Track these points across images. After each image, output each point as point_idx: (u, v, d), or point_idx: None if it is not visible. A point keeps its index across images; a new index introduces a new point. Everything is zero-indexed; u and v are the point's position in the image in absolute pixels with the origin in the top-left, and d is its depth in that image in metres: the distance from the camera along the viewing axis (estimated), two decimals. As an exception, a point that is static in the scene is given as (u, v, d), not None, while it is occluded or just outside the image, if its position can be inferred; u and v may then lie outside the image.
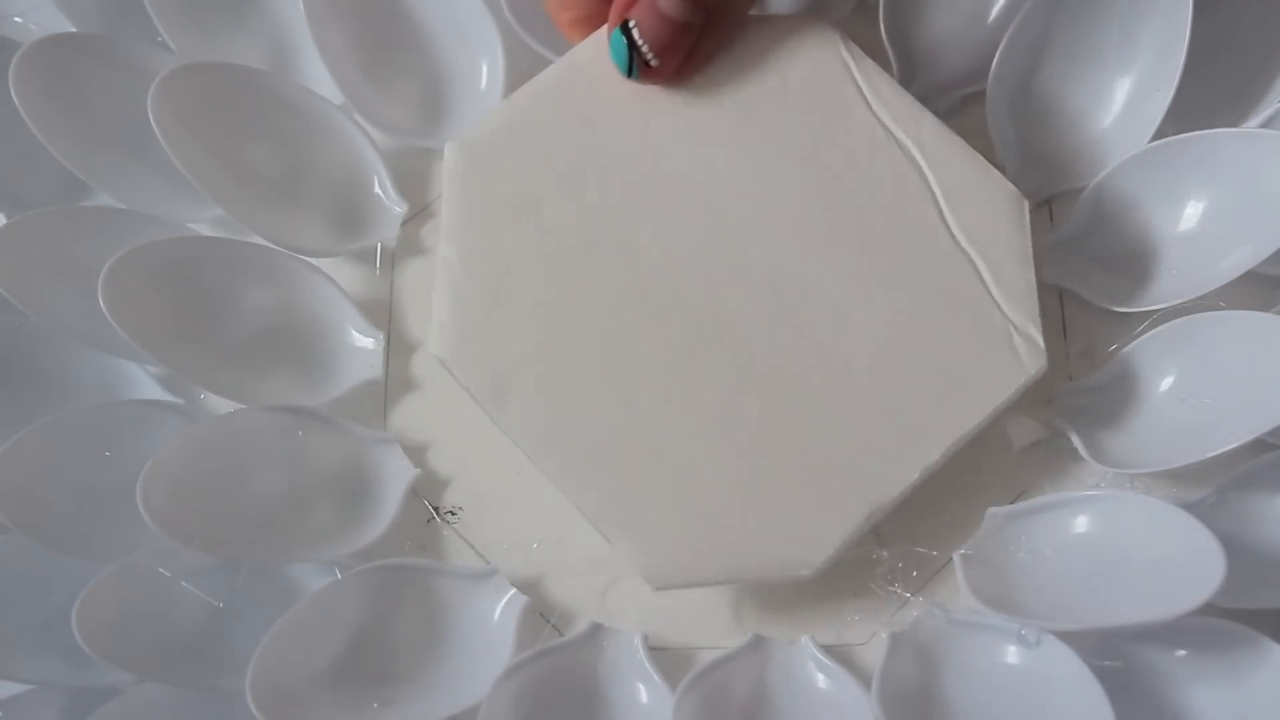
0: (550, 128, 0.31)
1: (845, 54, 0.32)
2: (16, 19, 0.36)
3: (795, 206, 0.30)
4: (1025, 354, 0.29)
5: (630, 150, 0.31)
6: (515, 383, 0.29)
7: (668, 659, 0.29)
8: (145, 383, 0.34)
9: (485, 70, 0.35)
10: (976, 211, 0.30)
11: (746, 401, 0.28)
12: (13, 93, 0.31)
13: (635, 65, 0.30)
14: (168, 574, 0.30)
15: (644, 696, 0.29)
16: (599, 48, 0.31)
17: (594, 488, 0.28)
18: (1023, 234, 0.30)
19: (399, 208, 0.34)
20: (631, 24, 0.30)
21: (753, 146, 0.31)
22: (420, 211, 0.35)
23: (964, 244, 0.30)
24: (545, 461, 0.28)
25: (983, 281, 0.30)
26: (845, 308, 0.29)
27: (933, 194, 0.30)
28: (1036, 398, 0.31)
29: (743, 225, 0.30)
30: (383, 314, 0.34)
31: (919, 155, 0.31)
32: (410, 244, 0.34)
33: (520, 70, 0.35)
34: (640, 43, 0.30)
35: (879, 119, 0.31)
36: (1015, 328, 0.29)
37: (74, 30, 0.35)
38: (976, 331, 0.29)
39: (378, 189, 0.34)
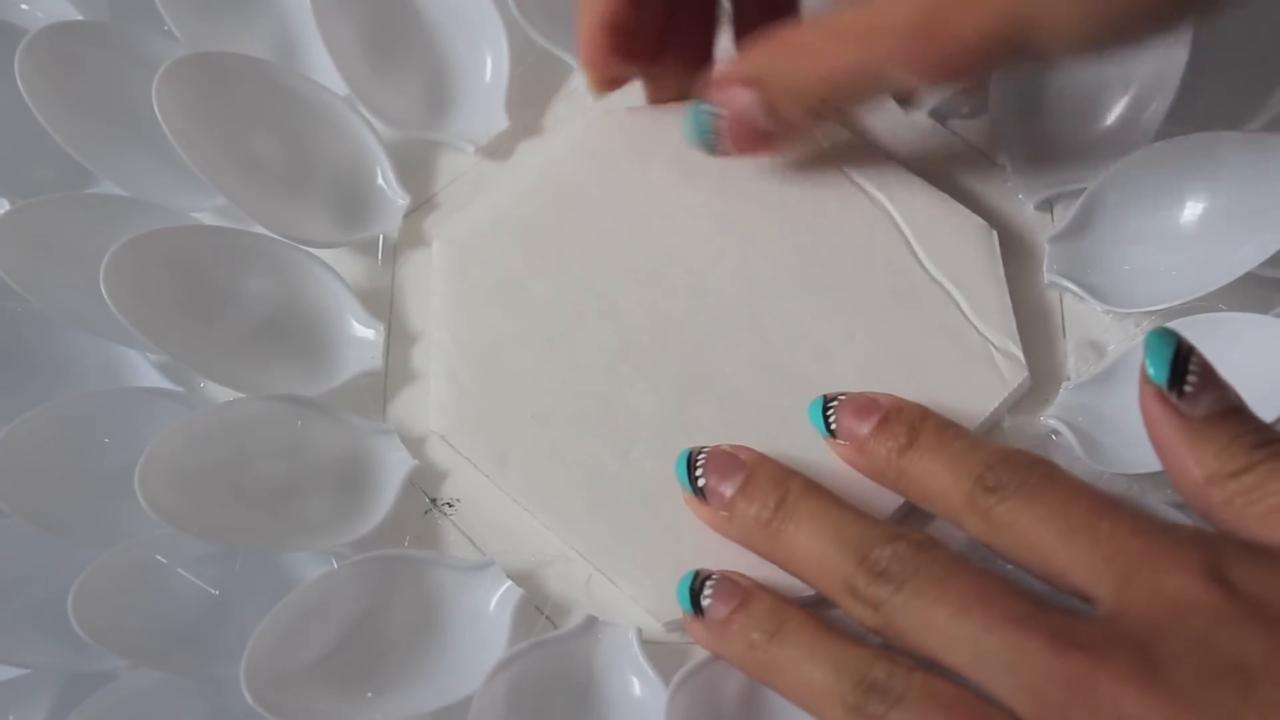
0: (531, 217, 0.33)
1: None
2: (23, 6, 0.36)
3: (771, 260, 0.32)
4: (1006, 369, 0.30)
5: (609, 227, 0.33)
6: (514, 449, 0.30)
7: (662, 653, 0.29)
8: (145, 370, 0.34)
9: (490, 63, 0.35)
10: (946, 245, 0.32)
11: (739, 442, 0.29)
12: (18, 79, 0.31)
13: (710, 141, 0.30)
14: (164, 561, 0.30)
15: (637, 690, 0.29)
16: (571, 140, 0.33)
17: (597, 536, 0.30)
18: (993, 260, 0.31)
19: (401, 199, 0.34)
20: (716, 109, 0.30)
21: (726, 211, 0.32)
22: (423, 204, 0.35)
23: (937, 276, 0.31)
24: (547, 517, 0.30)
25: (959, 308, 0.31)
26: (828, 347, 0.31)
27: (902, 234, 0.32)
28: (1035, 399, 0.31)
29: (722, 281, 0.32)
30: (383, 305, 0.34)
31: (885, 200, 0.32)
32: (412, 236, 0.35)
33: (525, 64, 0.35)
34: (714, 131, 0.30)
35: (844, 173, 0.33)
36: (995, 346, 0.31)
37: (80, 18, 0.35)
38: (958, 354, 0.30)
39: (380, 180, 0.34)
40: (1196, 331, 0.29)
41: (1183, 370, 0.23)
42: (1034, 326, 0.32)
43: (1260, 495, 0.22)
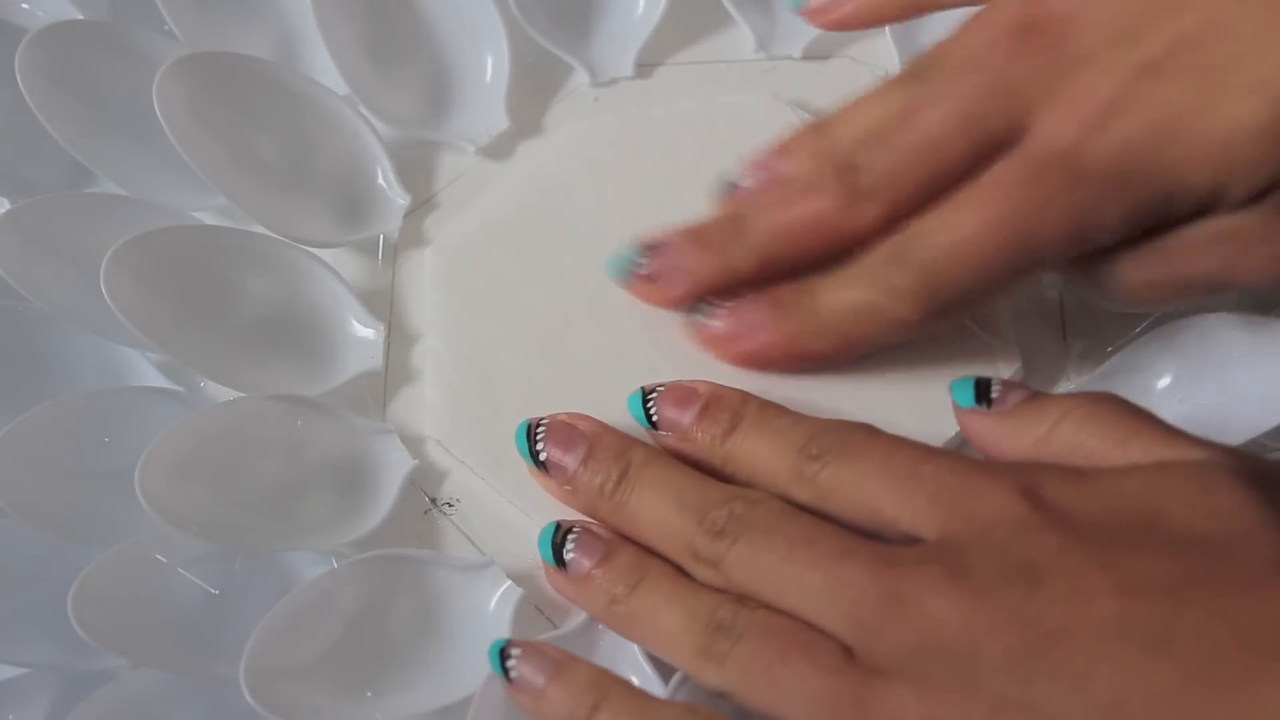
0: (523, 223, 0.33)
1: (795, 121, 0.34)
2: (24, 5, 0.36)
3: None
4: (1000, 359, 0.31)
5: (600, 230, 0.33)
6: (509, 451, 0.30)
7: (662, 653, 0.29)
8: (146, 369, 0.34)
9: (490, 63, 0.35)
10: None
11: None
12: (19, 79, 0.32)
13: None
14: (164, 560, 0.30)
15: (637, 690, 0.29)
16: (561, 145, 0.34)
17: None
18: None
19: (402, 199, 0.34)
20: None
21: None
22: (423, 204, 0.35)
23: None
24: (545, 518, 0.30)
25: None
26: None
27: None
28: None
29: None
30: (384, 305, 0.34)
31: None
32: (412, 236, 0.35)
33: (525, 64, 0.35)
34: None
35: None
36: (989, 342, 0.31)
37: (80, 17, 0.35)
38: (950, 346, 0.31)
39: (381, 180, 0.34)
40: (1197, 332, 0.29)
41: (985, 388, 0.26)
42: (1034, 326, 0.32)
43: (1078, 441, 0.24)
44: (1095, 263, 0.28)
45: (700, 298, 0.30)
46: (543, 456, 0.29)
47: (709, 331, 0.30)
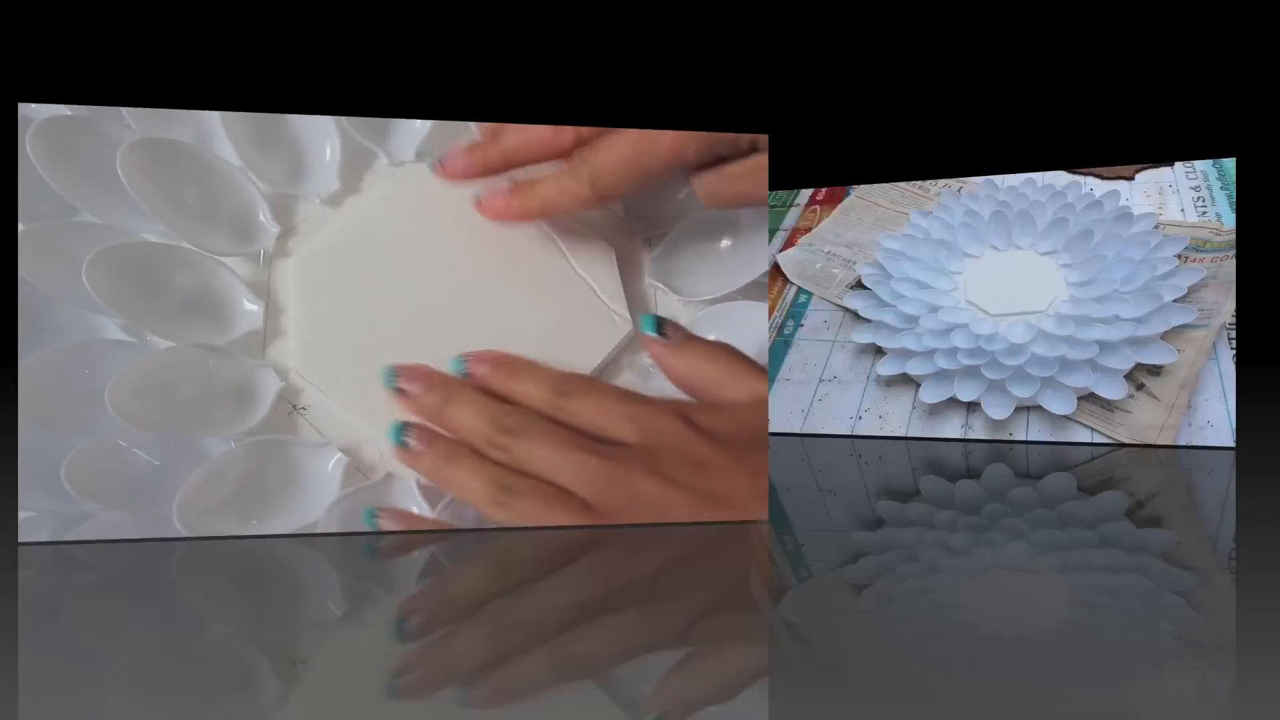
0: (348, 243, 0.55)
1: None
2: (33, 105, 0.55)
3: (486, 271, 0.54)
4: (620, 325, 0.54)
5: (397, 248, 0.54)
6: (342, 377, 0.52)
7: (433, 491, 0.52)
8: (112, 329, 0.53)
9: (329, 150, 0.56)
10: (588, 258, 0.55)
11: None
12: (27, 150, 0.51)
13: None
14: (125, 445, 0.50)
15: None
16: (373, 196, 0.56)
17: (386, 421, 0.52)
18: (612, 264, 0.54)
19: (274, 228, 0.54)
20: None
21: (461, 241, 0.55)
22: (287, 231, 0.56)
23: (582, 274, 0.54)
24: (361, 412, 0.51)
25: (593, 290, 0.54)
26: (514, 314, 0.54)
27: (565, 255, 0.55)
28: (638, 347, 0.54)
29: (459, 281, 0.54)
30: (264, 291, 0.54)
31: (558, 239, 0.55)
32: (281, 250, 0.55)
33: (349, 151, 0.56)
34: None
35: (540, 228, 0.55)
36: (615, 312, 0.54)
37: (69, 114, 0.54)
38: (592, 317, 0.53)
39: (261, 217, 0.55)
40: (726, 312, 0.53)
41: (661, 324, 0.50)
42: (639, 308, 0.55)
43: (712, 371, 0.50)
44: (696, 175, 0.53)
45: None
46: (399, 386, 0.50)
47: (479, 199, 0.54)
